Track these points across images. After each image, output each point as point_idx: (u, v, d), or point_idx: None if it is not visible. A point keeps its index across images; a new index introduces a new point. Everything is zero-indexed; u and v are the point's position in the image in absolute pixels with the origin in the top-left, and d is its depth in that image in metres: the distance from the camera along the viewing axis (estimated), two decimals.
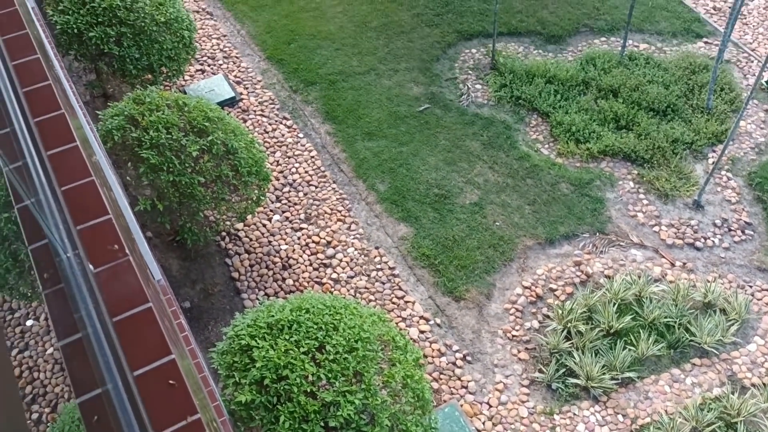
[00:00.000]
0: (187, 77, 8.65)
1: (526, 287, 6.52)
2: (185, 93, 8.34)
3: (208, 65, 8.91)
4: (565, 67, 8.62)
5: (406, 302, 6.42)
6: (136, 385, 1.17)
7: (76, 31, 6.90)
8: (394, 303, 6.42)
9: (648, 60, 8.73)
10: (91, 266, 1.26)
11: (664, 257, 6.80)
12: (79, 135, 1.63)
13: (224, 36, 9.30)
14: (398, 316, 6.31)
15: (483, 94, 8.50)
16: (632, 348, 5.98)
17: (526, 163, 7.62)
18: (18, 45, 1.62)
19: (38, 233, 1.40)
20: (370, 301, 6.43)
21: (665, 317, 6.17)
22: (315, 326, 4.60)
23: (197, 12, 9.58)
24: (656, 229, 7.04)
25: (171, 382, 1.18)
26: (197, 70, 8.81)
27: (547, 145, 7.91)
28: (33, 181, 1.37)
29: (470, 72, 8.78)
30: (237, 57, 9.02)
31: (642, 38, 9.22)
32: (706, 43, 9.15)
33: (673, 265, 6.73)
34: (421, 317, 6.31)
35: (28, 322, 6.33)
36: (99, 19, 6.98)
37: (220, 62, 8.95)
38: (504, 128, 8.03)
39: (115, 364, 1.19)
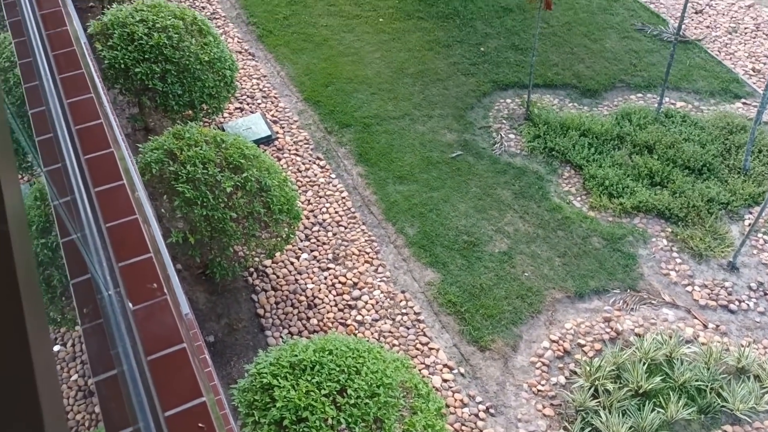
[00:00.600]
0: (226, 114, 8.86)
1: (553, 341, 6.40)
2: (223, 130, 8.53)
3: (247, 104, 9.12)
4: (600, 121, 8.63)
5: (431, 349, 6.34)
6: (166, 426, 1.17)
7: (123, 66, 7.14)
8: (417, 349, 6.35)
9: (684, 118, 8.69)
10: (130, 304, 1.28)
11: (696, 318, 6.63)
12: (122, 166, 1.67)
13: (264, 76, 9.53)
14: (422, 363, 6.23)
15: (516, 143, 8.53)
16: (661, 410, 5.79)
17: (557, 214, 7.58)
18: (74, 84, 1.69)
19: (81, 268, 1.43)
20: (394, 345, 6.37)
21: (696, 380, 5.98)
22: (337, 368, 4.57)
23: (240, 52, 9.85)
24: (689, 289, 6.89)
25: (200, 425, 1.18)
26: (236, 108, 9.02)
27: (579, 198, 7.87)
28: (80, 216, 1.41)
29: (504, 121, 8.83)
30: (275, 97, 9.22)
31: (679, 96, 9.20)
32: (744, 104, 9.09)
33: (705, 326, 6.56)
34: (445, 365, 6.22)
35: (55, 348, 6.39)
36: (146, 56, 7.22)
37: (259, 101, 9.15)
38: (536, 179, 8.02)
39: (147, 403, 1.20)
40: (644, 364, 6.07)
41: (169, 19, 7.46)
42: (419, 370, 6.13)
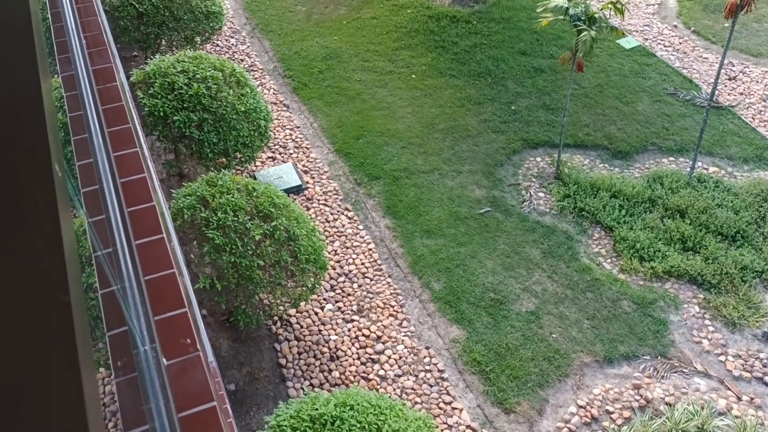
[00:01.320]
0: (258, 163, 9.01)
1: (581, 406, 6.22)
2: (255, 178, 8.66)
3: (280, 153, 9.27)
4: (631, 183, 8.58)
5: (454, 409, 6.20)
6: None
7: (162, 114, 7.35)
8: (440, 408, 6.21)
9: (717, 184, 8.60)
10: (164, 359, 1.28)
11: (730, 389, 6.40)
12: (162, 219, 1.69)
13: (297, 127, 9.72)
14: (444, 423, 6.09)
15: (545, 202, 8.50)
16: None
17: (586, 276, 7.47)
18: (121, 138, 1.74)
19: (118, 320, 1.44)
20: (416, 403, 6.24)
21: None
22: (358, 425, 4.49)
23: (275, 103, 10.08)
24: (722, 358, 6.68)
25: None
26: (268, 157, 9.17)
27: (609, 260, 7.76)
28: (120, 268, 1.43)
29: (534, 179, 8.83)
30: (307, 148, 9.36)
31: (712, 161, 9.13)
32: None
33: (739, 399, 6.33)
34: (468, 426, 6.06)
35: None
36: (184, 105, 7.43)
37: (291, 151, 9.30)
38: (565, 238, 7.95)
39: None
40: None
41: (209, 70, 7.69)
42: (441, 431, 5.99)
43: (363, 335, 6.88)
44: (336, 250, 7.84)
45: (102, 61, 2.14)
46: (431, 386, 6.39)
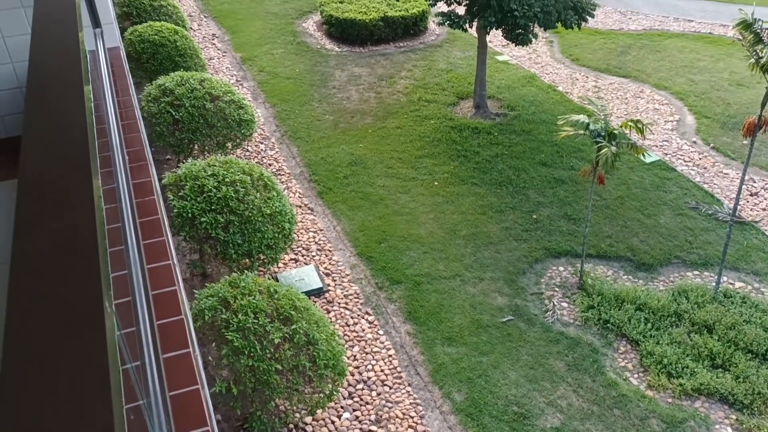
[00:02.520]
0: (281, 264, 9.08)
1: None
2: (277, 280, 8.70)
3: (302, 255, 9.36)
4: (656, 296, 8.45)
5: None
6: None
7: (190, 215, 7.53)
8: None
9: (744, 299, 8.43)
10: None
11: None
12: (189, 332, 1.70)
13: (321, 230, 9.86)
14: None
15: (569, 312, 8.37)
16: None
17: (613, 391, 7.21)
18: (155, 250, 1.79)
19: None
20: None
21: None
22: None
23: (300, 207, 10.30)
24: None
25: None
26: (291, 259, 9.25)
27: (636, 375, 7.51)
28: (147, 382, 1.43)
29: (557, 289, 8.75)
30: (330, 250, 9.45)
31: (737, 276, 9.00)
32: None
33: None
34: None
35: None
36: (212, 207, 7.62)
37: (314, 254, 9.39)
38: (590, 351, 7.75)
39: None
40: None
41: (238, 174, 7.94)
42: None
43: None
44: (355, 356, 7.72)
45: (142, 176, 2.25)
46: None
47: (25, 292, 0.67)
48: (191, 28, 16.54)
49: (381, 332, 8.06)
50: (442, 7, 12.42)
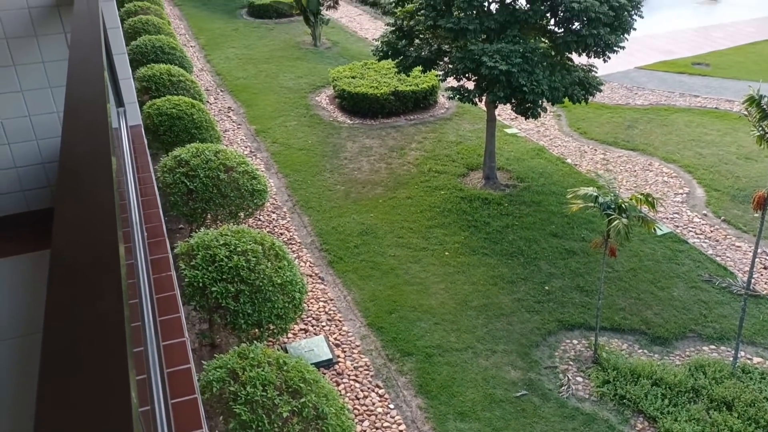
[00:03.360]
0: (290, 335, 8.99)
1: None
2: (286, 350, 8.60)
3: (312, 326, 9.28)
4: (673, 371, 8.26)
5: None
6: None
7: (201, 284, 7.54)
8: None
9: (763, 375, 8.22)
10: None
11: None
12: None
13: (331, 300, 9.81)
14: None
15: (584, 387, 8.18)
16: None
17: None
18: (170, 327, 1.79)
19: None
20: None
21: None
22: None
23: (310, 276, 10.30)
24: None
25: None
26: (300, 329, 9.18)
27: None
28: None
29: (571, 363, 8.58)
30: (340, 321, 9.38)
31: (755, 351, 8.81)
32: None
33: None
34: None
35: None
36: (223, 276, 7.63)
37: (324, 324, 9.31)
38: (607, 428, 7.52)
39: None
40: None
41: (249, 243, 7.99)
42: None
43: None
44: (365, 431, 7.53)
45: (159, 252, 2.28)
46: None
47: (57, 388, 0.68)
48: (208, 102, 17.04)
49: (392, 406, 7.89)
50: (451, 82, 12.76)
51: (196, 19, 27.60)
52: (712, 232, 11.33)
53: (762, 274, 10.25)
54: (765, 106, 7.86)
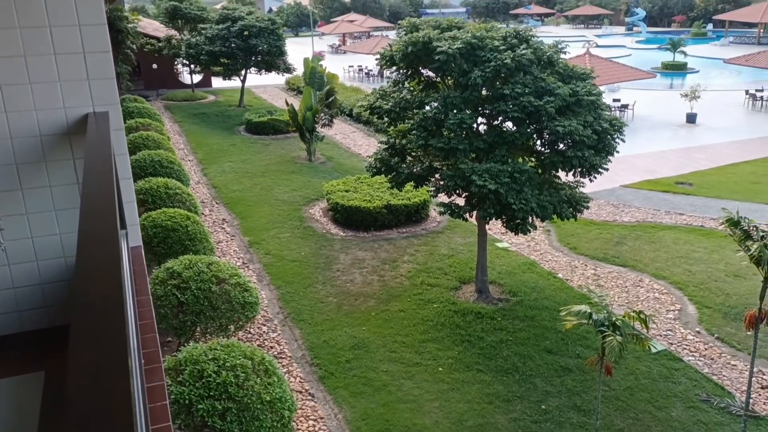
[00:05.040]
0: None
1: None
2: None
3: None
4: None
5: None
6: None
7: (187, 401, 7.30)
8: None
9: None
10: None
11: None
12: None
13: (321, 418, 9.48)
14: None
15: None
16: None
17: None
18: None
19: None
20: None
21: None
22: None
23: (300, 392, 10.01)
24: None
25: None
26: None
27: None
28: None
29: None
30: None
31: None
32: None
33: None
34: None
35: None
36: (211, 392, 7.41)
37: None
38: None
39: None
40: None
41: (239, 358, 7.83)
42: None
43: None
44: None
45: (155, 379, 2.25)
46: None
47: None
48: (203, 213, 17.29)
49: None
50: (443, 197, 13.07)
51: (195, 134, 28.55)
52: (706, 350, 11.23)
53: (760, 394, 10.05)
54: (745, 227, 8.08)
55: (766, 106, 32.76)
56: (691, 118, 29.31)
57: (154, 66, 39.62)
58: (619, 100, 31.17)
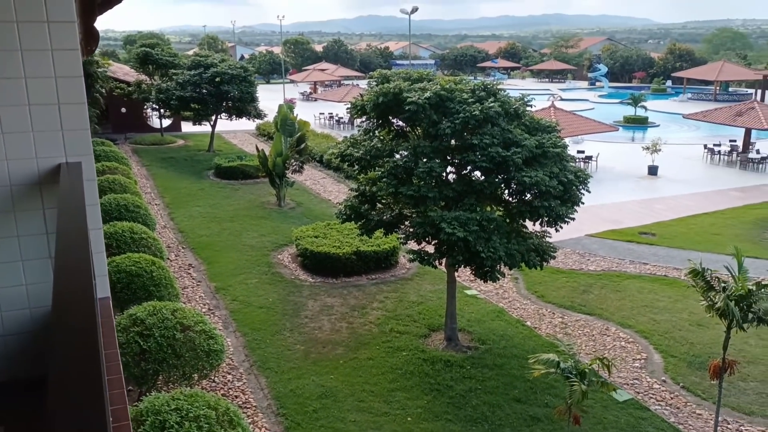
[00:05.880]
0: None
1: None
2: None
3: None
4: None
5: None
6: None
7: None
8: None
9: None
10: None
11: None
12: None
13: None
14: None
15: None
16: None
17: None
18: None
19: None
20: None
21: None
22: None
23: None
24: None
25: None
26: None
27: None
28: None
29: None
30: None
31: None
32: None
33: None
34: None
35: None
36: None
37: None
38: None
39: None
40: None
41: (202, 408, 7.62)
42: None
43: None
44: None
45: None
46: None
47: None
48: (168, 259, 17.02)
49: None
50: (412, 244, 13.12)
51: (163, 178, 28.35)
52: (672, 399, 11.30)
53: None
54: (708, 279, 8.27)
55: (723, 160, 33.96)
56: (652, 171, 30.19)
57: (123, 110, 39.52)
58: (583, 152, 32.00)
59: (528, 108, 12.44)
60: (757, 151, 33.95)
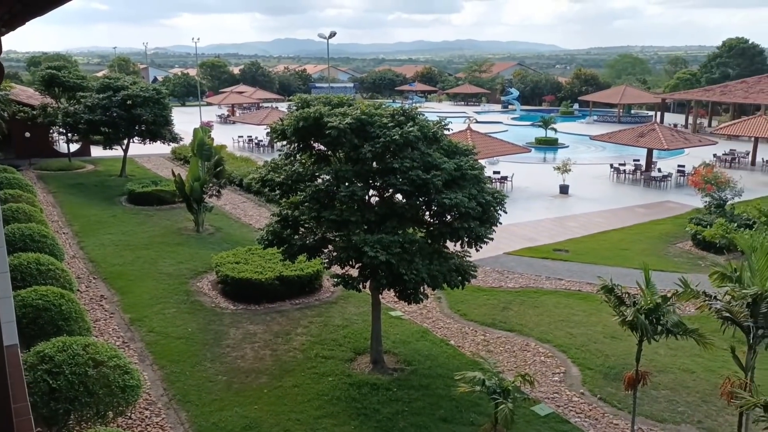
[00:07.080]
0: None
1: None
2: None
3: None
4: None
5: None
6: None
7: None
8: None
9: None
10: None
11: None
12: None
13: None
14: None
15: None
16: None
17: None
18: None
19: None
20: None
21: None
22: None
23: None
24: None
25: None
26: None
27: None
28: None
29: None
30: None
31: None
32: None
33: None
34: None
35: None
36: None
37: None
38: None
39: None
40: None
41: None
42: None
43: None
44: None
45: None
46: None
47: None
48: (79, 290, 16.17)
49: None
50: (336, 268, 13.05)
51: (71, 205, 27.02)
52: (591, 410, 11.70)
53: None
54: (619, 294, 8.67)
55: (628, 179, 35.86)
56: (563, 190, 31.47)
57: (27, 134, 37.48)
58: (499, 172, 32.99)
59: (446, 131, 12.71)
60: (659, 170, 36.06)
